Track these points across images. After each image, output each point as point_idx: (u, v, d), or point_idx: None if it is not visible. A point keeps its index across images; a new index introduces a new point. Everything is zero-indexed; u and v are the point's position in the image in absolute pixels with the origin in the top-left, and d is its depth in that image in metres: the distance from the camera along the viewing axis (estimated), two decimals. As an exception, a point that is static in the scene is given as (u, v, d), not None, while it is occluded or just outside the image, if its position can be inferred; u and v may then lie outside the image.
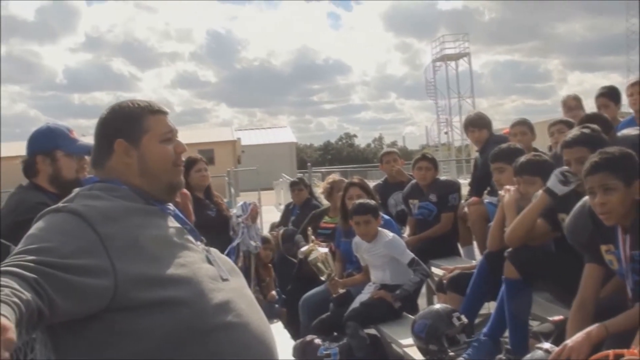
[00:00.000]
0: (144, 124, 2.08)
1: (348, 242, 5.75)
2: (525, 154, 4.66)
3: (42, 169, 3.19)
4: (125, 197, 1.99)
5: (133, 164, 2.07)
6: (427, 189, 6.70)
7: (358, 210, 5.31)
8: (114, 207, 1.92)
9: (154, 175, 2.08)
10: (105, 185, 2.04)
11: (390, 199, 7.26)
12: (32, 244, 1.74)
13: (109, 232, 1.81)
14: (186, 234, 2.06)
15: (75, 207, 1.87)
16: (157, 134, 2.09)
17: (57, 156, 3.18)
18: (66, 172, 3.18)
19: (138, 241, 1.85)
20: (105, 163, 2.09)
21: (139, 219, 1.93)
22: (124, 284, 1.75)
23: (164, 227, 1.99)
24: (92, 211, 1.85)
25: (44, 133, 3.22)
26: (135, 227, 1.88)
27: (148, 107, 2.12)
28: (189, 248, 1.99)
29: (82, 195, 1.98)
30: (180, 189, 2.23)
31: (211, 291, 1.89)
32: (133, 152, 2.06)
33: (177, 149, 2.13)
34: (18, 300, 1.48)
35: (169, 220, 2.06)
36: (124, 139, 2.06)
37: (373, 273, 5.43)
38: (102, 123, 2.12)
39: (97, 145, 2.13)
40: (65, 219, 1.84)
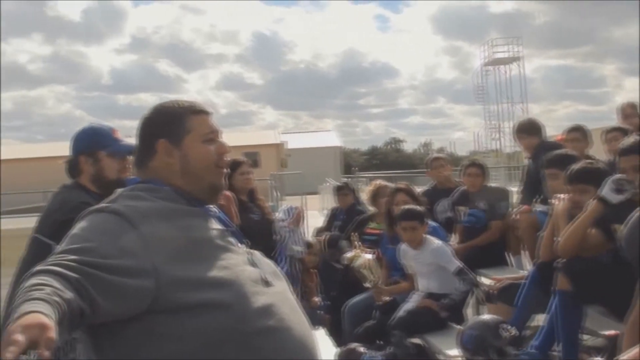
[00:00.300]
0: (187, 124, 2.09)
1: (394, 248, 5.71)
2: (579, 161, 4.58)
3: (85, 169, 3.22)
4: (167, 198, 2.00)
5: (175, 164, 2.07)
6: (475, 195, 6.64)
7: (405, 215, 5.28)
8: (156, 207, 1.93)
9: (196, 175, 2.08)
10: (148, 185, 2.05)
11: (437, 206, 7.20)
12: (74, 243, 1.76)
13: (150, 233, 1.82)
14: (229, 236, 2.06)
15: (117, 208, 1.89)
16: (199, 134, 2.10)
17: (100, 156, 3.21)
18: (108, 173, 3.21)
19: (180, 242, 1.85)
20: (148, 163, 2.11)
21: (181, 220, 1.93)
22: (165, 286, 1.75)
23: (206, 228, 2.00)
24: (134, 212, 1.87)
25: (87, 133, 3.26)
26: (177, 229, 1.89)
27: (191, 107, 2.13)
28: (232, 250, 1.99)
29: (125, 196, 2.00)
30: (223, 191, 2.22)
31: (253, 294, 1.88)
32: (175, 153, 2.07)
33: (219, 150, 2.14)
34: (60, 300, 1.49)
35: (212, 222, 2.06)
36: (166, 139, 2.07)
37: (419, 281, 5.39)
38: (144, 123, 2.14)
39: (140, 145, 2.14)
40: (107, 219, 1.85)
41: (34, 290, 1.49)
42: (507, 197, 6.72)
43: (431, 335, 5.01)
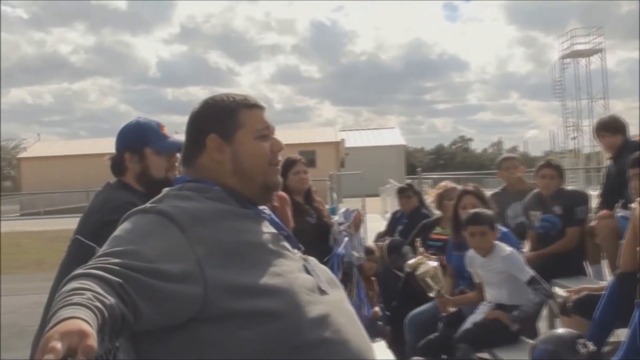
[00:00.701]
0: (239, 118, 2.10)
1: (460, 255, 5.66)
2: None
3: (130, 166, 3.24)
4: (217, 198, 2.01)
5: (225, 161, 2.09)
6: (551, 199, 6.54)
7: (473, 220, 5.23)
8: (205, 209, 1.93)
9: (247, 174, 2.09)
10: (196, 185, 2.06)
11: (508, 210, 7.13)
12: (117, 245, 1.76)
13: (199, 235, 1.82)
14: (282, 241, 2.06)
15: (163, 208, 1.89)
16: (252, 130, 2.11)
17: (146, 153, 3.22)
18: (155, 171, 3.22)
19: (230, 246, 1.85)
20: (196, 160, 2.12)
21: (232, 223, 1.93)
22: (213, 292, 1.75)
23: (258, 232, 1.99)
24: (182, 213, 1.87)
25: (133, 129, 3.27)
26: (227, 231, 1.89)
27: (243, 101, 2.14)
28: (285, 256, 1.99)
29: (172, 196, 2.01)
30: (277, 191, 2.22)
31: (308, 304, 1.87)
32: (226, 149, 2.09)
33: (273, 147, 2.14)
34: (101, 305, 1.48)
35: (264, 225, 2.06)
36: (217, 134, 2.08)
37: (488, 291, 5.33)
38: (194, 117, 2.15)
39: (188, 141, 2.16)
40: (153, 221, 1.86)
41: (73, 294, 1.49)
42: (585, 201, 6.60)
43: (500, 349, 4.95)
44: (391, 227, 8.40)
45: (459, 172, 38.70)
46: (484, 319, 5.12)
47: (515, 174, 7.31)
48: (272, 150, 2.14)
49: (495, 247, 5.23)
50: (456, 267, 5.90)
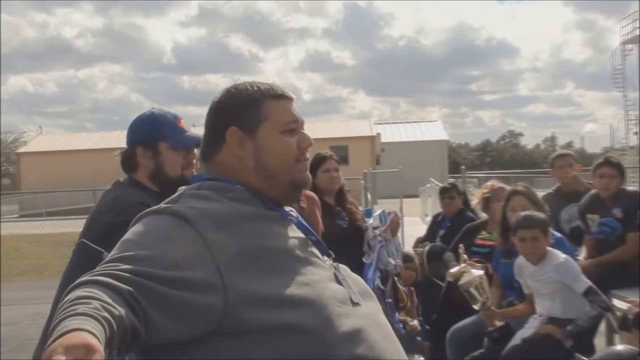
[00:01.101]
0: (263, 109, 2.09)
1: (509, 263, 5.64)
2: None
3: (142, 162, 3.24)
4: (239, 199, 2.00)
5: (247, 157, 2.08)
6: (610, 201, 6.49)
7: (524, 223, 5.21)
8: (225, 210, 1.92)
9: (271, 172, 2.08)
10: (216, 183, 2.06)
11: (562, 213, 7.10)
12: (127, 250, 1.76)
13: (219, 239, 1.82)
14: (311, 247, 2.06)
15: (180, 209, 1.89)
16: (277, 123, 2.09)
17: (161, 149, 3.21)
18: (170, 168, 3.21)
19: (253, 252, 1.85)
20: (215, 156, 2.12)
21: (255, 226, 1.93)
22: (234, 303, 1.74)
23: (284, 236, 1.99)
24: (200, 214, 1.87)
25: (146, 121, 3.26)
26: (250, 236, 1.88)
27: (269, 91, 2.13)
28: (314, 263, 1.98)
29: (189, 195, 2.01)
30: (304, 190, 2.22)
31: (338, 317, 1.86)
32: (248, 143, 2.08)
33: (301, 143, 2.12)
34: (109, 316, 1.48)
35: (291, 228, 2.06)
36: (238, 126, 2.08)
37: (539, 303, 5.31)
38: (214, 108, 2.15)
39: (207, 134, 2.16)
40: (168, 223, 1.86)
41: (78, 304, 1.50)
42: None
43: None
44: (432, 232, 8.39)
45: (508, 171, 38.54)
46: (534, 334, 5.10)
47: (570, 173, 7.26)
48: (300, 146, 2.12)
49: (547, 254, 5.20)
50: (504, 277, 5.88)
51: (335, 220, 5.69)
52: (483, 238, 6.57)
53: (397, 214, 5.96)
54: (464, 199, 8.27)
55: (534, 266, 5.23)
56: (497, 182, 7.04)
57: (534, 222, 5.20)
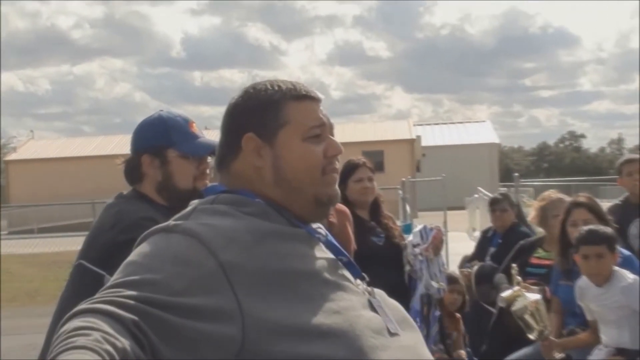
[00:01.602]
0: (284, 112, 2.08)
1: (569, 286, 5.61)
2: None
3: (148, 172, 3.24)
4: (259, 214, 1.99)
5: (265, 168, 2.07)
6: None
7: (587, 239, 5.17)
8: (244, 227, 1.91)
9: (293, 185, 2.07)
10: (234, 197, 2.04)
11: (631, 227, 7.05)
12: (132, 274, 1.75)
13: (236, 261, 1.81)
14: (342, 269, 2.05)
15: (192, 227, 1.87)
16: (300, 128, 2.07)
17: (170, 157, 3.22)
18: (180, 179, 3.22)
19: (275, 276, 1.84)
20: (231, 165, 2.11)
21: (278, 245, 1.91)
22: (254, 334, 1.74)
23: (311, 257, 1.97)
24: (215, 232, 1.85)
25: (154, 125, 3.27)
26: (272, 257, 1.87)
27: (291, 91, 2.11)
28: (345, 288, 1.97)
29: (202, 210, 1.99)
30: (334, 205, 2.20)
31: (373, 349, 1.85)
32: (266, 152, 2.07)
33: (328, 151, 2.10)
34: (111, 349, 1.48)
35: (319, 248, 2.04)
36: (255, 132, 2.07)
37: (604, 331, 5.27)
38: (230, 111, 2.15)
39: (223, 140, 2.15)
40: (178, 242, 1.84)
41: (77, 335, 1.49)
42: None
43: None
44: (481, 249, 8.37)
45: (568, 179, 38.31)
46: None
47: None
48: (327, 154, 2.10)
49: (614, 275, 5.16)
50: (564, 301, 5.85)
51: (369, 237, 5.68)
52: (540, 257, 6.55)
53: (441, 229, 5.95)
54: (518, 211, 8.27)
55: (599, 288, 5.20)
56: (556, 192, 7.01)
57: (599, 238, 5.16)
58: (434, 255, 5.71)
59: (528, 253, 6.66)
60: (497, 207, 8.12)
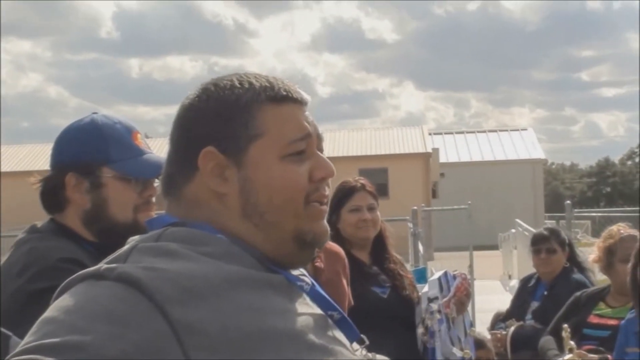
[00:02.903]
0: (257, 121, 2.07)
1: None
2: None
3: (74, 198, 3.21)
4: (222, 255, 1.97)
5: (230, 194, 2.06)
6: None
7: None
8: (202, 273, 1.89)
9: (266, 218, 2.06)
10: (188, 231, 2.02)
11: None
12: (51, 335, 1.73)
13: (192, 319, 1.80)
14: (332, 328, 2.06)
15: (131, 272, 1.85)
16: (278, 142, 2.07)
17: (104, 178, 3.19)
18: (117, 208, 3.20)
19: (246, 339, 1.83)
20: (183, 189, 2.10)
21: (248, 297, 1.90)
22: None
23: (291, 313, 1.97)
24: (163, 280, 1.83)
25: (85, 133, 3.24)
26: (240, 313, 1.86)
27: (267, 90, 2.11)
28: (338, 354, 1.98)
29: (145, 250, 1.96)
30: (321, 246, 2.21)
31: None
32: (232, 173, 2.06)
33: (315, 173, 2.10)
34: None
35: (302, 301, 2.05)
36: (218, 147, 2.06)
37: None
38: (182, 116, 2.14)
39: (173, 155, 2.15)
40: (113, 293, 1.82)
41: None
42: None
43: None
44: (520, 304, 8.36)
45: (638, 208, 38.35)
46: None
47: None
48: (313, 177, 2.10)
49: None
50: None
51: (370, 287, 5.68)
52: (601, 314, 6.54)
53: (467, 278, 5.95)
54: (571, 252, 8.24)
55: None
56: (626, 226, 6.99)
57: None
58: (457, 313, 5.71)
59: (586, 309, 6.66)
60: (543, 247, 8.06)
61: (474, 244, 18.04)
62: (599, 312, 6.56)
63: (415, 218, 17.32)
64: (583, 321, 6.47)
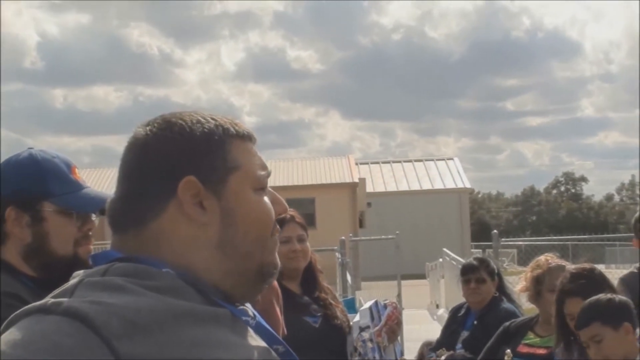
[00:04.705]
0: (232, 155, 2.10)
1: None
2: None
3: (14, 232, 3.18)
4: (167, 289, 1.95)
5: (211, 225, 2.06)
6: None
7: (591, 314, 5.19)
8: (148, 307, 1.88)
9: (240, 250, 2.07)
10: (135, 267, 1.99)
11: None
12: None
13: (138, 353, 1.79)
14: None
15: (78, 306, 1.83)
16: (250, 176, 2.11)
17: (45, 212, 3.17)
18: (58, 242, 3.17)
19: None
20: (149, 224, 2.07)
21: (194, 332, 1.90)
22: None
23: (237, 346, 1.98)
24: (110, 315, 1.82)
25: (24, 168, 3.22)
26: (186, 347, 1.86)
27: (233, 127, 2.15)
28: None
29: (90, 284, 1.94)
30: (273, 279, 2.23)
31: None
32: (212, 204, 2.06)
33: (275, 208, 2.16)
34: None
35: (246, 334, 2.05)
36: (198, 177, 2.06)
37: None
38: (148, 148, 2.11)
39: (136, 190, 2.11)
40: (59, 328, 1.80)
41: None
42: None
43: None
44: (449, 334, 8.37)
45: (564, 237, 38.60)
46: None
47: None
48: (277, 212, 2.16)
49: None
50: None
51: (302, 317, 5.69)
52: (530, 344, 6.58)
53: (397, 307, 5.96)
54: (499, 282, 8.26)
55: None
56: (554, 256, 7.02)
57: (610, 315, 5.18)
58: (388, 342, 5.72)
59: (515, 339, 6.70)
60: (472, 277, 8.02)
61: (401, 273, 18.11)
62: (528, 342, 6.59)
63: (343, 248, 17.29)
64: (513, 351, 6.50)
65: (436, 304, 23.87)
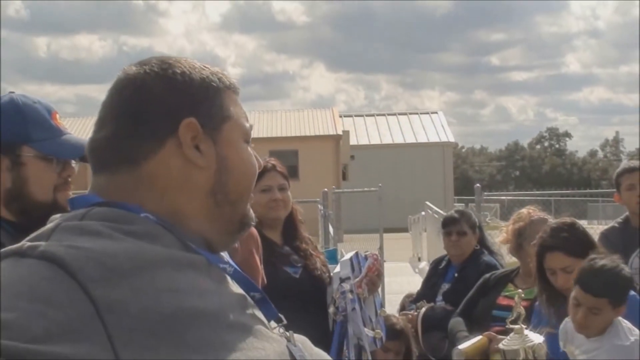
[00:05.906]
0: (226, 104, 2.13)
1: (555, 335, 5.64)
2: None
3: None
4: (144, 234, 1.95)
5: (207, 169, 2.07)
6: None
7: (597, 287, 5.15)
8: (124, 253, 1.87)
9: (230, 198, 2.10)
10: (111, 210, 1.99)
11: (634, 258, 7.15)
12: None
13: (115, 298, 1.78)
14: (253, 308, 2.07)
15: (54, 250, 1.83)
16: (241, 127, 2.15)
17: (25, 157, 3.16)
18: (37, 188, 3.17)
19: (166, 319, 1.82)
20: (141, 165, 2.06)
21: (170, 277, 1.89)
22: None
23: (213, 293, 1.97)
24: (85, 258, 1.81)
25: (5, 112, 3.18)
26: (161, 292, 1.85)
27: (226, 79, 2.17)
28: (257, 333, 1.99)
29: (67, 229, 1.93)
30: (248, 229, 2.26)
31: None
32: (209, 147, 2.08)
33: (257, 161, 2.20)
34: None
35: (223, 281, 2.06)
36: (197, 118, 2.06)
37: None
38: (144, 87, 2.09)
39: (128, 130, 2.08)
40: (36, 271, 1.79)
41: None
42: None
43: None
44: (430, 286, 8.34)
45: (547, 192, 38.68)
46: None
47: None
48: None
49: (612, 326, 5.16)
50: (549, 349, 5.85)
51: (282, 267, 5.70)
52: (510, 296, 6.53)
53: (378, 258, 5.94)
54: (481, 235, 8.24)
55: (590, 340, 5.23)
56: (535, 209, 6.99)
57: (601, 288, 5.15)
58: (368, 293, 5.70)
59: (495, 291, 6.70)
60: (453, 229, 8.00)
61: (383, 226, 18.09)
62: (507, 294, 6.55)
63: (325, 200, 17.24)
64: (492, 303, 6.49)
65: (418, 256, 23.86)
